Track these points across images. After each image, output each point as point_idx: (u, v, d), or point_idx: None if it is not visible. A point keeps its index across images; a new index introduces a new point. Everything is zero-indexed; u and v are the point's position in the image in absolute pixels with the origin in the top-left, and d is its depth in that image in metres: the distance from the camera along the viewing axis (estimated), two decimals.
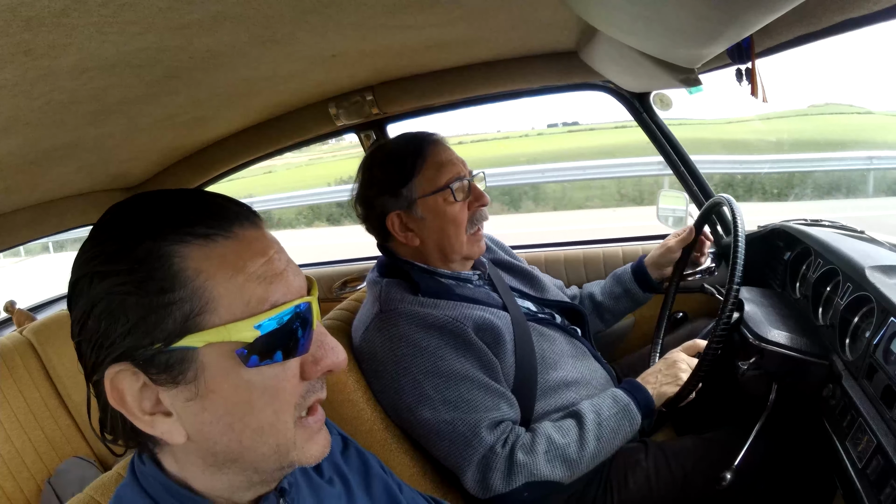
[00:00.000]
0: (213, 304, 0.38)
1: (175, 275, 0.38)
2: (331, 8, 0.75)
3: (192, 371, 0.39)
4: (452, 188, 0.97)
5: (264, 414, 0.41)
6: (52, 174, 1.22)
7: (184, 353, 0.38)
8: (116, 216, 0.40)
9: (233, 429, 0.40)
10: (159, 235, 0.38)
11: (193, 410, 0.40)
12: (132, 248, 0.38)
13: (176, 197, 0.42)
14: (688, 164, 1.42)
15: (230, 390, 0.40)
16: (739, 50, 0.67)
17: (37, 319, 1.65)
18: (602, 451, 0.90)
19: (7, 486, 1.39)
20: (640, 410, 0.92)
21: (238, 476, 0.43)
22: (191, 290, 0.38)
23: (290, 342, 0.41)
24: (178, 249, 0.38)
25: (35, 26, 0.52)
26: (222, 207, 0.42)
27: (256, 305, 0.39)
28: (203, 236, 0.39)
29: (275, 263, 0.42)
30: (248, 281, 0.40)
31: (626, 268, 1.24)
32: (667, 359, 0.99)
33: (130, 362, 0.38)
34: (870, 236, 1.15)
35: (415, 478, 0.95)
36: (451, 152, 1.01)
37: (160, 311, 0.37)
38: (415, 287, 0.98)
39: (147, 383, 0.39)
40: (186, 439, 0.40)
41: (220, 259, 0.39)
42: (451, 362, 0.89)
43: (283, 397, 0.42)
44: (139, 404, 0.39)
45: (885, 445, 0.69)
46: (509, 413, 0.91)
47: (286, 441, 0.43)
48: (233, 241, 0.40)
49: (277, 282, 0.41)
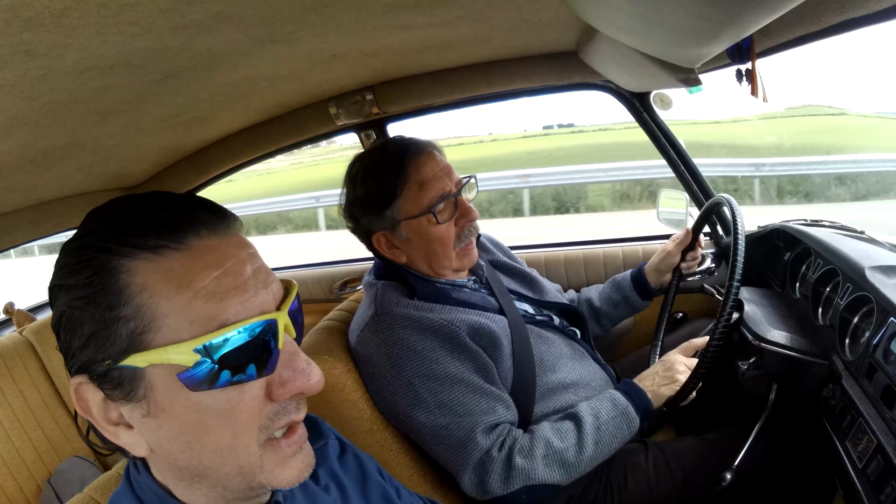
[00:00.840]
0: (158, 322, 0.37)
1: (121, 290, 0.37)
2: (331, 8, 0.75)
3: (142, 389, 0.38)
4: (435, 211, 0.94)
5: (220, 436, 0.39)
6: (52, 174, 1.22)
7: (132, 371, 0.37)
8: (85, 224, 0.40)
9: (191, 447, 0.39)
10: (111, 249, 0.37)
11: (150, 427, 0.39)
12: (88, 261, 0.37)
13: (138, 204, 0.40)
14: (688, 165, 1.42)
15: (181, 411, 0.38)
16: (739, 50, 0.67)
17: (36, 320, 1.65)
18: (600, 453, 0.89)
19: (7, 486, 1.39)
20: (638, 413, 0.92)
21: (211, 491, 0.42)
22: (135, 306, 0.36)
23: (242, 364, 0.38)
24: (126, 264, 0.37)
25: (35, 26, 0.52)
26: (182, 215, 0.39)
27: (202, 325, 0.37)
28: (152, 249, 0.37)
29: (230, 277, 0.38)
30: (196, 298, 0.37)
31: (626, 275, 1.24)
32: (664, 361, 0.99)
33: (87, 375, 0.38)
34: (870, 236, 1.15)
35: (414, 478, 0.95)
36: (436, 165, 0.96)
37: (109, 328, 0.37)
38: (411, 291, 0.97)
39: (105, 395, 0.39)
40: (150, 452, 0.40)
41: (167, 274, 0.37)
42: (446, 365, 0.89)
43: (241, 419, 0.39)
44: (104, 415, 0.39)
45: (885, 445, 0.69)
46: (506, 415, 0.91)
47: (249, 464, 0.40)
48: (183, 253, 0.38)
49: (232, 297, 0.38)
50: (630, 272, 1.24)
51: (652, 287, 1.21)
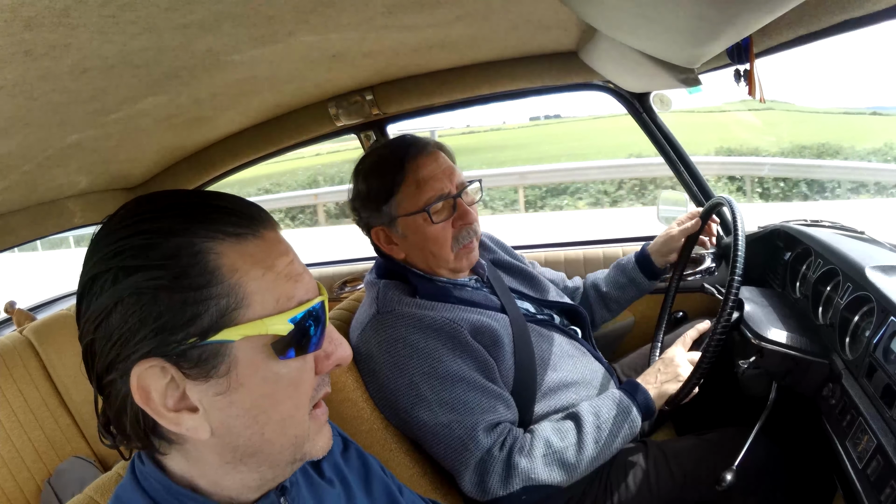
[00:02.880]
0: (248, 299, 0.40)
1: (212, 271, 0.39)
2: (331, 8, 0.75)
3: (225, 365, 0.40)
4: (429, 210, 0.94)
5: (286, 406, 0.43)
6: (52, 174, 1.22)
7: (218, 347, 0.39)
8: (136, 213, 0.40)
9: (257, 421, 0.42)
10: (190, 231, 0.39)
11: (221, 405, 0.41)
12: (162, 243, 0.38)
13: (200, 195, 0.43)
14: (687, 165, 1.42)
15: (259, 383, 0.41)
16: (739, 50, 0.67)
17: (37, 319, 1.65)
18: (601, 454, 0.89)
19: (7, 486, 1.39)
20: (640, 412, 0.91)
21: (252, 473, 0.45)
22: (228, 286, 0.39)
23: (312, 337, 0.43)
24: (214, 246, 0.39)
25: (35, 26, 0.52)
26: (247, 209, 0.43)
27: (286, 302, 0.42)
28: (234, 235, 0.41)
29: (296, 264, 0.44)
30: (278, 279, 0.42)
31: (630, 257, 1.24)
32: (664, 358, 0.98)
33: (162, 357, 0.38)
34: (870, 236, 1.15)
35: (415, 478, 0.95)
36: (437, 165, 0.96)
37: (197, 306, 0.38)
38: (412, 289, 0.98)
39: (174, 379, 0.39)
40: (210, 434, 0.41)
41: (252, 257, 0.41)
42: (447, 364, 0.89)
43: (302, 389, 0.44)
44: (164, 401, 0.40)
45: (885, 445, 0.69)
46: (507, 414, 0.91)
47: (303, 432, 0.45)
48: (261, 240, 0.42)
49: (301, 280, 0.43)
50: (633, 254, 1.24)
51: (657, 267, 1.20)
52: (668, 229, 1.19)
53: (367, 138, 1.62)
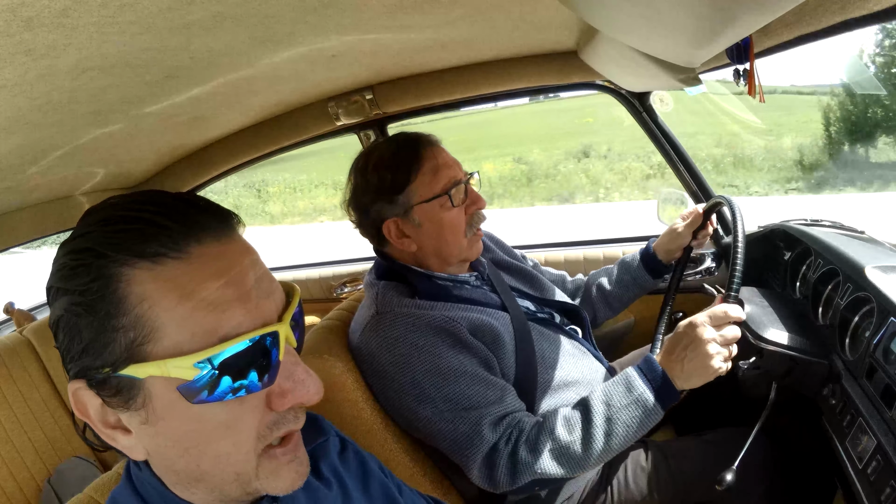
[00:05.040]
0: (158, 333, 0.36)
1: (120, 300, 0.36)
2: (331, 8, 0.75)
3: (141, 398, 0.37)
4: (450, 194, 0.96)
5: (220, 444, 0.39)
6: (53, 174, 1.22)
7: (131, 380, 0.37)
8: (82, 225, 0.39)
9: (189, 454, 0.39)
10: (109, 255, 0.36)
11: (148, 433, 0.39)
12: (83, 266, 0.36)
13: (136, 206, 0.38)
14: (688, 164, 1.42)
15: (180, 421, 0.38)
16: (739, 50, 0.67)
17: (36, 320, 1.65)
18: (613, 445, 0.82)
19: (7, 486, 1.39)
20: (659, 400, 0.81)
21: (208, 495, 0.42)
22: (134, 317, 0.36)
23: (244, 377, 0.37)
24: (125, 272, 0.36)
25: (35, 26, 0.52)
26: (182, 220, 0.38)
27: (203, 338, 0.36)
28: (151, 257, 0.36)
29: (233, 287, 0.38)
30: (197, 309, 0.36)
31: (634, 254, 1.24)
32: (690, 335, 0.82)
33: (85, 381, 0.38)
34: (870, 236, 1.15)
35: (415, 478, 0.95)
36: (447, 155, 1.00)
37: (107, 336, 0.36)
38: (412, 290, 0.97)
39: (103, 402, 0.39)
40: (147, 455, 0.40)
41: (167, 283, 0.36)
42: (449, 360, 0.88)
43: (241, 428, 0.39)
44: (102, 418, 0.39)
45: (885, 445, 0.69)
46: (513, 404, 0.90)
47: (246, 471, 0.41)
48: (184, 262, 0.37)
49: (235, 308, 0.37)
50: (637, 251, 1.23)
51: (662, 263, 1.19)
52: (673, 225, 1.19)
53: (367, 138, 1.62)
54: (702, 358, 0.80)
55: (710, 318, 0.82)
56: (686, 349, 0.81)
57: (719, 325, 0.82)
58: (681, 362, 0.82)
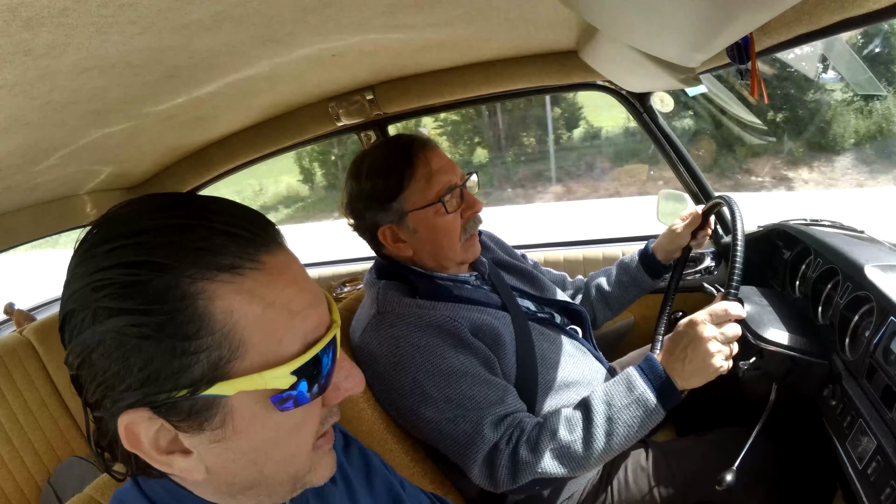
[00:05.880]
0: (245, 347, 0.35)
1: (202, 318, 0.33)
2: (331, 8, 0.75)
3: (220, 416, 0.36)
4: (444, 201, 0.95)
5: (288, 447, 0.40)
6: (53, 174, 1.22)
7: (213, 399, 0.35)
8: (118, 234, 0.34)
9: (256, 463, 0.39)
10: (180, 270, 0.33)
11: (217, 451, 0.37)
12: (145, 283, 0.33)
13: (195, 213, 0.36)
14: (688, 164, 1.42)
15: (258, 430, 0.37)
16: (739, 49, 0.67)
17: (36, 320, 1.65)
18: (614, 444, 0.82)
19: (7, 486, 1.39)
20: (660, 401, 0.81)
21: (250, 501, 0.42)
22: (220, 334, 0.34)
23: (321, 379, 0.38)
24: (205, 287, 0.33)
25: (35, 26, 0.52)
26: (249, 229, 0.36)
27: (290, 345, 0.36)
28: (230, 269, 0.34)
29: (305, 293, 0.38)
30: (280, 316, 0.36)
31: (633, 255, 1.24)
32: (691, 334, 0.81)
33: (149, 408, 0.34)
34: (870, 236, 1.15)
35: (415, 478, 0.95)
36: (442, 158, 0.98)
37: (186, 358, 0.33)
38: (412, 289, 0.97)
39: (164, 425, 0.36)
40: (206, 474, 0.38)
41: (249, 295, 0.35)
42: (450, 360, 0.88)
43: (306, 429, 0.40)
44: (155, 444, 0.36)
45: (885, 446, 0.69)
46: (514, 405, 0.90)
47: (304, 467, 0.42)
48: (262, 272, 0.36)
49: (310, 313, 0.38)
50: (637, 252, 1.23)
51: (662, 264, 1.19)
52: (672, 226, 1.19)
53: (368, 138, 1.62)
54: (703, 356, 0.79)
55: (711, 316, 0.82)
56: (687, 348, 0.81)
57: (720, 322, 0.81)
58: (682, 361, 0.81)
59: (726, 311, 0.81)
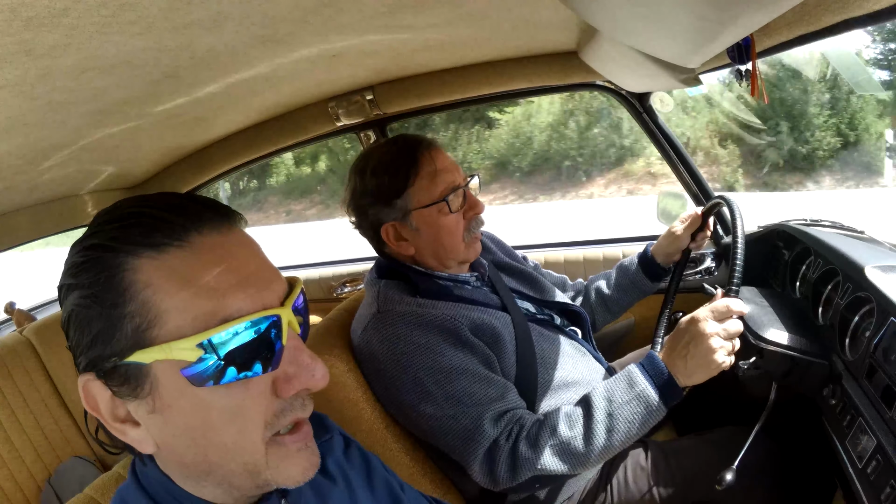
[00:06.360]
0: (161, 318, 0.37)
1: (125, 288, 0.37)
2: (331, 8, 0.75)
3: (147, 385, 0.38)
4: (448, 200, 0.95)
5: (227, 432, 0.39)
6: (53, 174, 1.22)
7: (138, 367, 0.38)
8: (93, 225, 0.41)
9: (196, 444, 0.40)
10: (115, 247, 0.38)
11: (156, 423, 0.39)
12: (94, 260, 0.38)
13: (143, 204, 0.40)
14: (688, 164, 1.42)
15: (186, 408, 0.39)
16: (739, 50, 0.67)
17: (36, 320, 1.65)
18: (615, 441, 0.82)
19: (7, 486, 1.39)
20: (661, 398, 0.81)
21: (217, 488, 0.43)
22: (139, 303, 0.37)
23: (246, 360, 0.38)
24: (129, 262, 0.38)
25: (35, 26, 0.52)
26: (182, 213, 0.40)
27: (205, 320, 0.37)
28: (154, 246, 0.38)
29: (234, 273, 0.39)
30: (198, 294, 0.37)
31: (633, 258, 1.24)
32: (693, 331, 0.81)
33: (94, 373, 0.39)
34: (870, 236, 1.15)
35: (415, 478, 0.95)
36: (446, 158, 0.99)
37: (115, 325, 0.37)
38: (413, 288, 0.98)
39: (113, 395, 0.39)
40: (156, 449, 0.41)
41: (169, 271, 0.38)
42: (450, 357, 0.88)
43: (247, 416, 0.39)
44: (112, 412, 0.40)
45: (885, 445, 0.69)
46: (514, 401, 0.90)
47: (255, 460, 0.41)
48: (185, 250, 0.38)
49: (234, 293, 0.38)
50: (636, 255, 1.23)
51: (661, 266, 1.19)
52: (671, 228, 1.19)
53: (367, 138, 1.62)
54: (705, 353, 0.79)
55: (713, 313, 0.82)
56: (689, 345, 0.81)
57: (722, 319, 0.81)
58: (684, 358, 0.81)
59: (728, 308, 0.81)
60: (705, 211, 1.15)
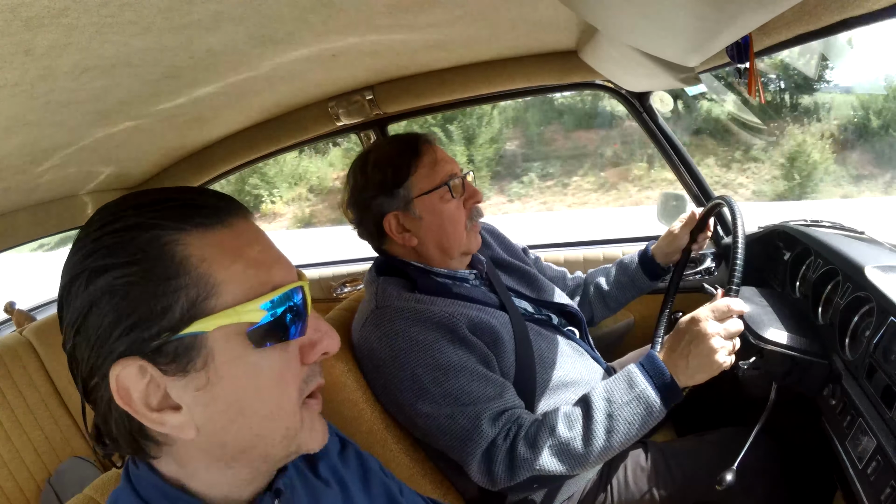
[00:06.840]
0: (218, 288, 0.39)
1: (180, 262, 0.38)
2: (331, 8, 0.76)
3: (202, 358, 0.39)
4: (449, 185, 0.98)
5: (272, 397, 0.42)
6: (53, 174, 1.22)
7: (193, 339, 0.39)
8: (107, 214, 0.40)
9: (244, 415, 0.41)
10: (157, 226, 0.39)
11: (204, 400, 0.40)
12: (130, 240, 0.38)
13: (165, 192, 0.42)
14: (688, 165, 1.42)
15: (239, 375, 0.40)
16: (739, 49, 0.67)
17: (36, 320, 1.65)
18: (614, 442, 0.81)
19: (7, 486, 1.39)
20: (661, 398, 0.80)
21: (244, 469, 0.44)
22: (195, 276, 0.39)
23: (291, 324, 0.42)
24: (180, 237, 0.39)
25: (35, 26, 0.52)
26: (213, 201, 0.43)
27: (258, 288, 0.41)
28: (202, 226, 0.40)
29: (269, 251, 0.44)
30: (248, 266, 0.41)
31: (633, 256, 1.24)
32: (693, 331, 0.81)
33: (138, 356, 0.38)
34: (870, 236, 1.15)
35: (414, 478, 0.95)
36: (444, 152, 1.02)
37: (166, 298, 0.38)
38: (412, 285, 0.98)
39: (154, 378, 0.39)
40: (196, 433, 0.40)
41: (220, 246, 0.40)
42: (448, 355, 0.88)
43: (288, 379, 0.43)
44: (146, 401, 0.39)
45: (885, 446, 0.69)
46: (512, 401, 0.90)
47: (294, 423, 0.44)
48: (229, 229, 0.42)
49: (275, 266, 0.43)
50: (636, 253, 1.24)
51: (661, 266, 1.20)
52: (671, 228, 1.19)
53: (367, 138, 1.62)
54: (706, 352, 0.79)
55: (713, 313, 0.81)
56: (690, 344, 0.80)
57: (722, 318, 0.81)
58: (685, 358, 0.80)
59: (728, 307, 0.81)
60: (705, 211, 1.15)
